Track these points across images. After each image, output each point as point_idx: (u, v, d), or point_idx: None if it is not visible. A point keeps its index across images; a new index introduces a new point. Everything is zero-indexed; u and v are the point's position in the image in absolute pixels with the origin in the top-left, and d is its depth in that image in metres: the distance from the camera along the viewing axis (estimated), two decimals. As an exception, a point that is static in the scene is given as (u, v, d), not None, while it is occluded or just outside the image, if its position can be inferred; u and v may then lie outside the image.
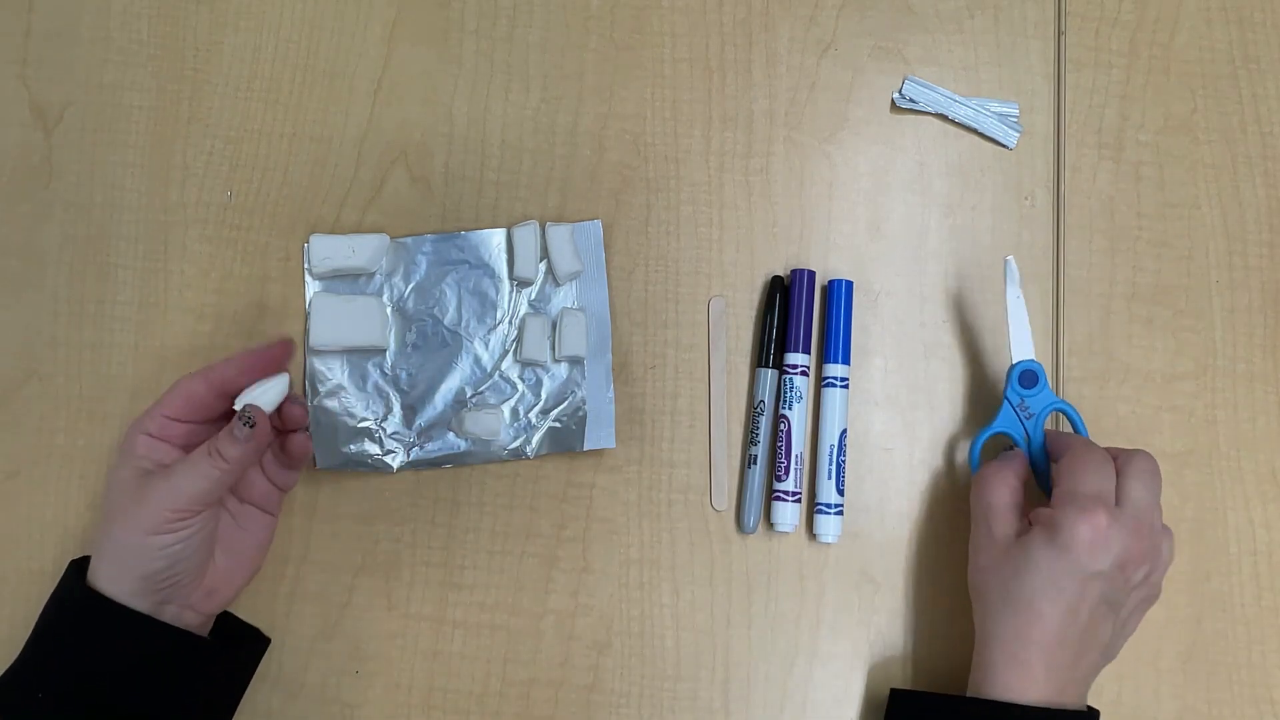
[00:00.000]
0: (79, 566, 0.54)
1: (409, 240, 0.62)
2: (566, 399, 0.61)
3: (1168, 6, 0.66)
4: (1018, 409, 0.58)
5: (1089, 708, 0.52)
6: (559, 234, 0.61)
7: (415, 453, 0.60)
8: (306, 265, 0.61)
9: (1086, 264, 0.64)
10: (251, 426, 0.51)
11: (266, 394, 0.53)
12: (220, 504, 0.54)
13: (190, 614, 0.54)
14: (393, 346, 0.61)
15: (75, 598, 0.52)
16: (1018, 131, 0.64)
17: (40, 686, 0.51)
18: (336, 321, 0.60)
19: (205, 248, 0.62)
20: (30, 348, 0.61)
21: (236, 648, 0.56)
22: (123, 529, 0.51)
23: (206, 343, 0.61)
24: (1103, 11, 0.66)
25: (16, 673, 0.52)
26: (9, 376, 0.61)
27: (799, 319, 0.62)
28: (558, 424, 0.61)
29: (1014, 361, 0.58)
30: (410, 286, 0.62)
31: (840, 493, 0.61)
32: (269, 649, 0.59)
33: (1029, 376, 0.58)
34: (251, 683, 0.59)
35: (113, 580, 0.51)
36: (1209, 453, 0.63)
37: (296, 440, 0.56)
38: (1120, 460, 0.53)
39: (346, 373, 0.61)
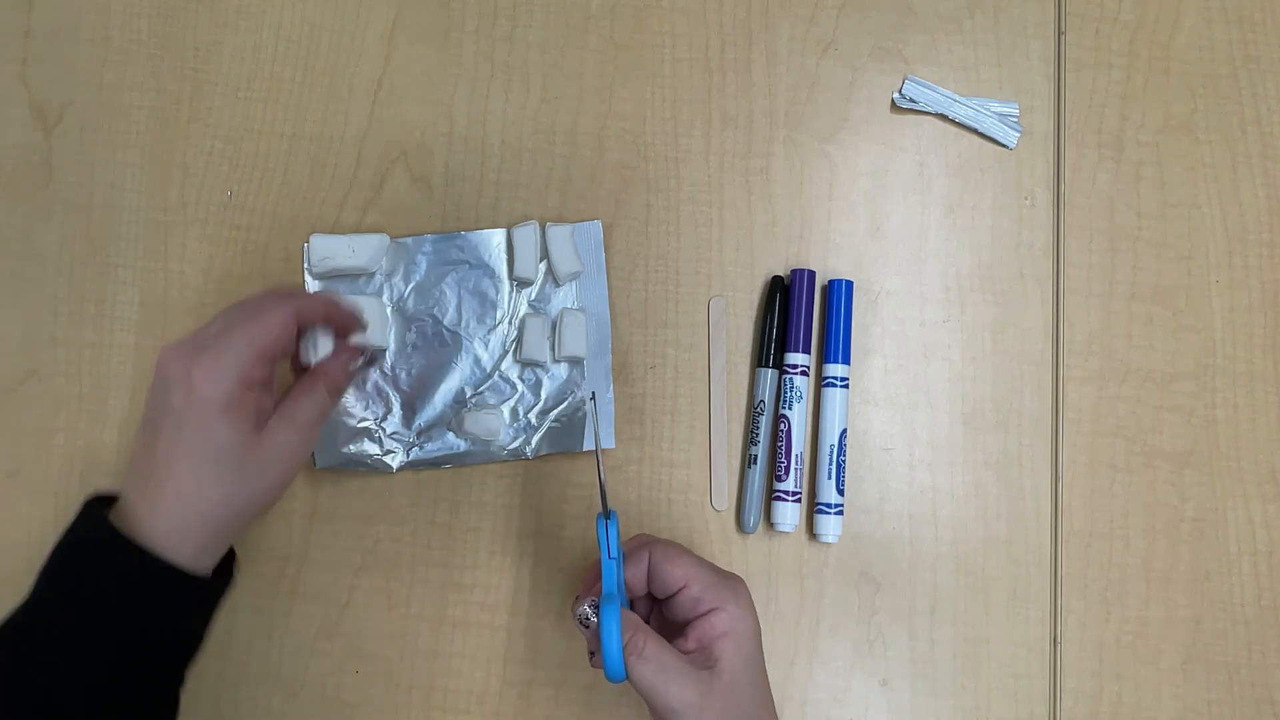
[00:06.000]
0: (100, 505, 0.50)
1: (409, 240, 0.62)
2: (566, 399, 0.61)
3: (1168, 6, 0.66)
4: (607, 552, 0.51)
5: None
6: (559, 234, 0.61)
7: (415, 453, 0.60)
8: (306, 265, 0.61)
9: (1086, 264, 0.64)
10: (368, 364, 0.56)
11: (329, 343, 0.54)
12: None
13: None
14: (393, 346, 0.61)
15: (112, 545, 0.48)
16: (1018, 131, 0.64)
17: (61, 634, 0.47)
18: (336, 321, 0.60)
19: (205, 248, 0.62)
20: (30, 348, 0.61)
21: (225, 580, 0.53)
22: (248, 481, 0.49)
23: (206, 343, 0.61)
24: (1103, 11, 0.66)
25: (33, 615, 0.48)
26: (9, 376, 0.61)
27: (799, 319, 0.62)
28: (557, 424, 0.61)
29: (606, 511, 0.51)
30: (410, 286, 0.62)
31: (840, 493, 0.61)
32: (268, 643, 0.60)
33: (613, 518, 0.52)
34: (251, 682, 0.59)
35: (184, 537, 0.48)
36: (1209, 453, 0.63)
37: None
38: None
39: (346, 373, 0.61)
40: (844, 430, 0.61)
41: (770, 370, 0.62)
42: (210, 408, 0.48)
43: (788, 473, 0.61)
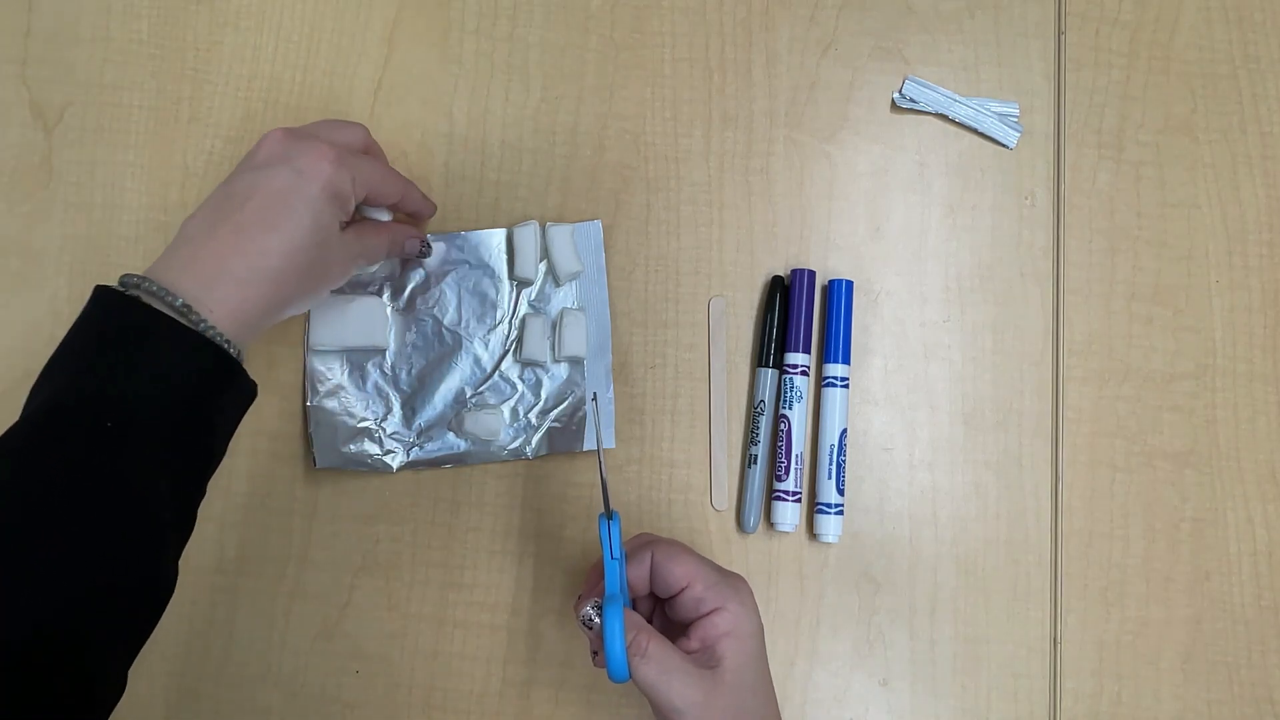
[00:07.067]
0: (118, 295, 0.46)
1: (409, 240, 0.62)
2: (566, 399, 0.61)
3: (1168, 6, 0.66)
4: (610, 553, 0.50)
5: None
6: (559, 234, 0.61)
7: (415, 453, 0.60)
8: (306, 265, 0.61)
9: (1086, 264, 0.64)
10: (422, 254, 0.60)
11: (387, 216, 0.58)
12: None
13: None
14: (393, 346, 0.61)
15: (174, 333, 0.46)
16: (1018, 131, 0.64)
17: (136, 430, 0.45)
18: (336, 321, 0.60)
19: (205, 248, 0.62)
20: (30, 348, 0.61)
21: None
22: (314, 272, 0.51)
23: (206, 343, 0.61)
24: (1103, 11, 0.66)
25: (83, 410, 0.45)
26: (9, 376, 0.61)
27: (799, 319, 0.62)
28: (557, 424, 0.61)
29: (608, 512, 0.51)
30: (410, 286, 0.62)
31: (840, 492, 0.61)
32: (268, 644, 0.60)
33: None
34: (251, 682, 0.59)
35: (241, 325, 0.47)
36: (1209, 453, 0.63)
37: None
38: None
39: (346, 372, 0.61)
40: (844, 430, 0.61)
41: (770, 370, 0.62)
42: (326, 188, 0.50)
43: (788, 473, 0.61)
